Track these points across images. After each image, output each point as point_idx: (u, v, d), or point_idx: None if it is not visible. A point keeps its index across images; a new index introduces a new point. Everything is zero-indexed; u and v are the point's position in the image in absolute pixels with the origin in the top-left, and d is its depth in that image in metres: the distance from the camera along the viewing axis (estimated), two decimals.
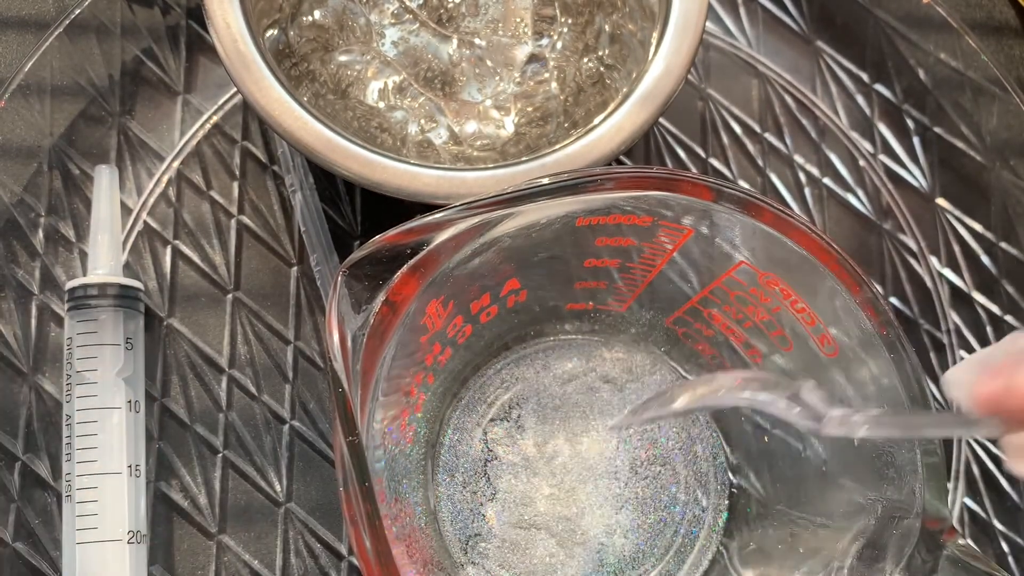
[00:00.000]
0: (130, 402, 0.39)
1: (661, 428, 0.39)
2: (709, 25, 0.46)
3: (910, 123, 0.46)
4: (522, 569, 0.38)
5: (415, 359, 0.33)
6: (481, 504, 0.38)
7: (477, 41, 0.41)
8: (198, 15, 0.44)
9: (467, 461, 0.39)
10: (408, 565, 0.31)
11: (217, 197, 0.43)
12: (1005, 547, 0.41)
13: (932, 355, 0.43)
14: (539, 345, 0.40)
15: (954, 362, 0.43)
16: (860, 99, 0.46)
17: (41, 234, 0.42)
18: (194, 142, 0.44)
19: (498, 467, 0.38)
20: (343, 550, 0.40)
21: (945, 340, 0.43)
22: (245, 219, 0.43)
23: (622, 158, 0.44)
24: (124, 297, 0.40)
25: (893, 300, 0.44)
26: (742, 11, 0.47)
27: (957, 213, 0.45)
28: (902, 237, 0.44)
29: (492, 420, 0.39)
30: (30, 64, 0.42)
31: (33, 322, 0.41)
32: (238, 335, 0.42)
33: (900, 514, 0.30)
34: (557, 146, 0.36)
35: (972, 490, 0.42)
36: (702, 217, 0.31)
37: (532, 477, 0.38)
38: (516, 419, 0.39)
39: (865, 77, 0.46)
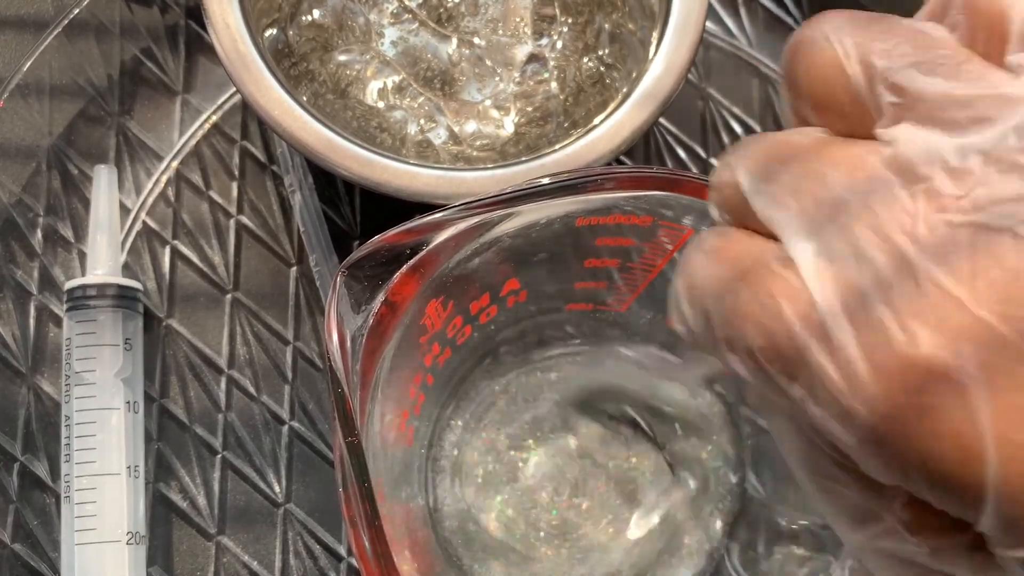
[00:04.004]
0: (129, 403, 0.39)
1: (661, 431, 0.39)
2: (709, 24, 0.46)
3: None
4: (523, 570, 0.38)
5: (414, 360, 0.33)
6: (481, 505, 0.38)
7: (477, 41, 0.41)
8: (197, 15, 0.44)
9: (467, 462, 0.39)
10: (408, 566, 0.31)
11: (216, 197, 0.43)
12: None
13: None
14: (539, 345, 0.40)
15: None
16: None
17: (40, 234, 0.42)
18: (193, 142, 0.44)
19: (498, 468, 0.38)
20: (342, 551, 0.40)
21: None
22: (244, 219, 0.43)
23: (622, 158, 0.44)
24: (123, 297, 0.40)
25: None
26: (742, 10, 0.47)
27: None
28: None
29: (492, 421, 0.39)
30: (29, 64, 0.42)
31: (32, 323, 0.41)
32: (237, 335, 0.42)
33: None
34: (557, 146, 0.36)
35: None
36: (702, 217, 0.31)
37: (533, 478, 0.38)
38: (516, 420, 0.39)
39: None
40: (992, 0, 0.18)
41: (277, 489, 0.40)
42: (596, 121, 0.37)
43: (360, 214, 0.43)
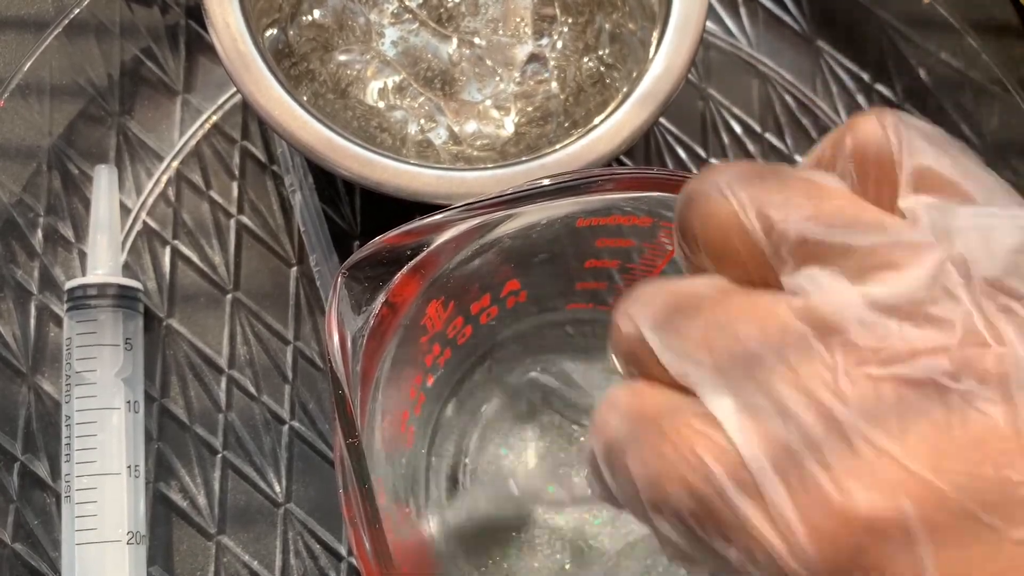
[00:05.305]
0: (129, 402, 0.39)
1: None
2: (709, 25, 0.46)
3: None
4: (524, 570, 0.38)
5: (415, 360, 0.33)
6: (482, 505, 0.38)
7: (477, 40, 0.41)
8: (197, 14, 0.44)
9: (467, 463, 0.39)
10: (408, 566, 0.31)
11: (216, 197, 0.43)
12: None
13: None
14: (539, 345, 0.40)
15: None
16: (861, 99, 0.46)
17: (40, 234, 0.42)
18: (193, 142, 0.44)
19: (498, 468, 0.38)
20: (343, 551, 0.40)
21: None
22: (244, 219, 0.43)
23: (622, 158, 0.44)
24: (123, 297, 0.40)
25: None
26: (742, 11, 0.47)
27: None
28: None
29: (492, 422, 0.39)
30: (29, 64, 0.42)
31: (32, 322, 0.41)
32: (237, 335, 0.42)
33: None
34: (557, 146, 0.36)
35: None
36: None
37: (533, 478, 0.38)
38: (516, 420, 0.39)
39: (866, 77, 0.46)
40: (881, 147, 0.18)
41: (277, 489, 0.40)
42: (596, 121, 0.37)
43: (360, 214, 0.43)
